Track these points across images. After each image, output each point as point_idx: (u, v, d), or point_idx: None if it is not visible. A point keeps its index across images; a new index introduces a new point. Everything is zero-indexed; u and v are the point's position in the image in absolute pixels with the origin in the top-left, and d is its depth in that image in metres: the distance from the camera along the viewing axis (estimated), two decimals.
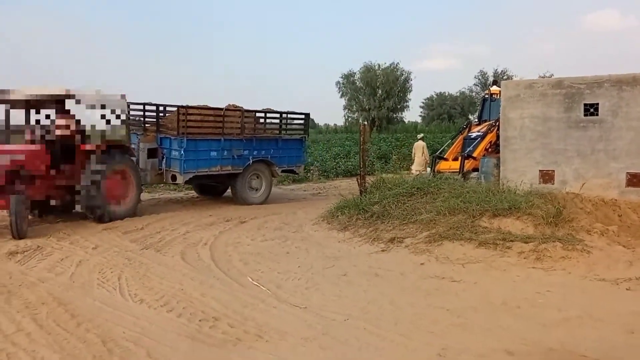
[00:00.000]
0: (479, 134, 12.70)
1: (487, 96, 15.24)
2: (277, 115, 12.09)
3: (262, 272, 5.60)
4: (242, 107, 11.25)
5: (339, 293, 4.91)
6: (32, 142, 8.28)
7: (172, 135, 10.07)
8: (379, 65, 43.82)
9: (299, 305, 4.58)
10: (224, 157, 10.51)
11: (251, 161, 10.96)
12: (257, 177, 11.45)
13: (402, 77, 43.79)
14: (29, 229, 7.44)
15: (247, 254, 6.43)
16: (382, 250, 6.44)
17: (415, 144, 16.01)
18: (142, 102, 10.76)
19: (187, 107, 10.22)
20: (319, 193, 13.59)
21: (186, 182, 10.65)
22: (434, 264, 5.78)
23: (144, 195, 10.54)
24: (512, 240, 5.95)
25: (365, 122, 11.13)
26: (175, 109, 10.39)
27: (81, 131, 8.60)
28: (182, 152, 9.90)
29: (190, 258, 6.24)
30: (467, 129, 13.93)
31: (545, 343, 3.64)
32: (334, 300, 4.70)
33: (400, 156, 23.81)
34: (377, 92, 43.47)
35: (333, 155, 23.02)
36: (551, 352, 3.50)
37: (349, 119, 46.92)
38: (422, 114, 64.62)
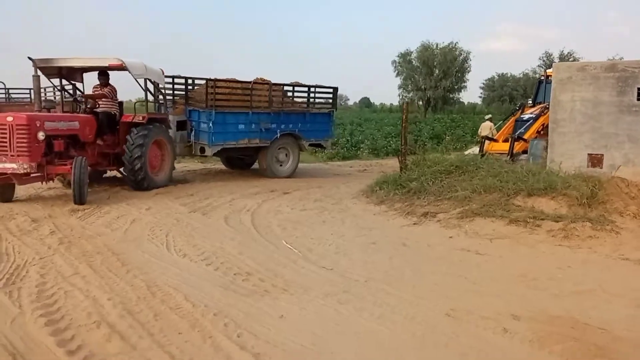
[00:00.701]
0: (531, 116, 12.47)
1: (542, 78, 14.83)
2: (305, 89, 12.09)
3: (296, 237, 5.98)
4: (269, 81, 11.29)
5: (365, 259, 5.21)
6: (83, 111, 8.89)
7: (201, 108, 10.25)
8: (437, 44, 43.02)
9: (325, 266, 4.93)
10: (252, 130, 10.68)
11: (279, 134, 11.11)
12: (285, 151, 11.61)
13: (461, 57, 42.90)
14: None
15: (286, 220, 6.83)
16: (414, 224, 6.66)
17: (483, 124, 15.81)
18: (171, 75, 10.78)
19: (216, 80, 10.33)
20: (365, 170, 13.80)
21: (214, 155, 10.84)
22: (463, 238, 5.96)
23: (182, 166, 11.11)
24: (542, 219, 6.03)
25: (408, 101, 11.01)
26: (203, 82, 10.55)
27: (120, 102, 9.25)
28: (211, 124, 10.07)
29: (232, 222, 6.72)
30: (520, 111, 13.69)
31: (552, 311, 3.82)
32: (359, 265, 5.01)
33: (453, 137, 23.56)
34: (433, 71, 42.86)
35: (384, 134, 23.07)
36: (556, 318, 3.67)
37: (404, 98, 46.49)
38: (482, 95, 62.99)
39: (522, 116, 13.03)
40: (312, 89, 12.12)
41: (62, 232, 5.93)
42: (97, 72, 9.05)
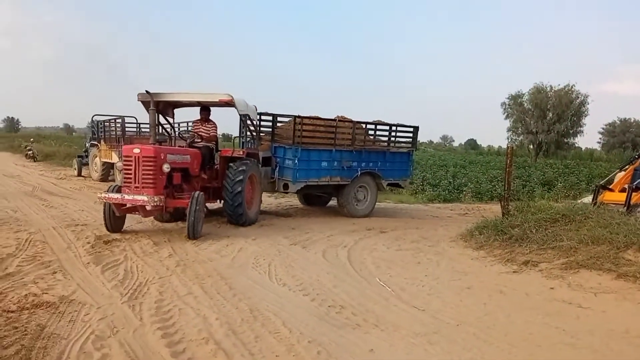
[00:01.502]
0: None
1: None
2: (386, 127, 11.92)
3: (390, 276, 6.12)
4: (351, 119, 11.28)
5: (459, 303, 5.22)
6: (190, 146, 8.86)
7: (287, 144, 10.36)
8: (552, 86, 41.11)
9: (417, 307, 5.02)
10: (334, 168, 10.69)
11: (359, 173, 11.05)
12: (364, 189, 11.51)
13: (578, 100, 40.47)
14: None
15: (380, 259, 7.00)
16: (514, 272, 6.50)
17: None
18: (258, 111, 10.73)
19: (302, 117, 10.34)
20: (466, 214, 13.53)
21: (296, 192, 10.74)
22: (565, 289, 5.72)
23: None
24: None
25: (513, 145, 10.58)
26: (289, 119, 10.67)
27: (216, 137, 9.47)
28: (296, 161, 10.11)
29: (329, 256, 7.02)
30: None
31: None
32: (452, 308, 5.03)
33: (566, 184, 22.26)
34: (547, 114, 40.87)
35: (490, 178, 22.41)
36: None
37: (514, 141, 44.68)
38: (601, 141, 59.04)
39: None
40: (393, 128, 12.00)
41: (179, 256, 6.59)
42: (200, 107, 9.24)
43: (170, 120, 9.67)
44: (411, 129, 12.40)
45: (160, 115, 9.07)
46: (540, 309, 5.07)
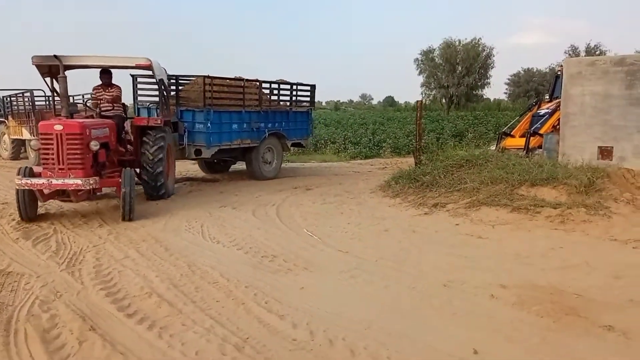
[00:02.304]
0: (547, 111, 12.77)
1: (559, 73, 15.11)
2: (288, 87, 11.84)
3: (316, 226, 6.64)
4: (257, 79, 11.00)
5: (377, 243, 5.84)
6: (100, 116, 7.92)
7: (196, 107, 9.79)
8: (460, 41, 43.04)
9: (341, 249, 5.58)
10: (244, 130, 10.45)
11: (267, 134, 10.97)
12: (270, 151, 11.46)
13: (484, 53, 42.74)
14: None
15: (307, 213, 7.50)
16: (425, 214, 7.24)
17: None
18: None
19: (212, 77, 9.87)
20: (385, 168, 14.33)
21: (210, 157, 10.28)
22: (468, 224, 6.52)
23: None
24: (542, 206, 6.54)
25: (422, 101, 11.21)
26: (192, 79, 10.21)
27: (124, 104, 8.57)
28: (209, 124, 9.70)
29: (259, 214, 7.43)
30: (537, 106, 14.00)
31: (537, 281, 4.39)
32: (371, 248, 5.64)
33: (476, 134, 23.80)
34: (456, 68, 42.88)
35: (407, 133, 23.51)
36: (538, 287, 4.24)
37: (427, 96, 46.63)
38: (508, 91, 62.47)
39: (538, 111, 13.32)
40: (294, 87, 11.97)
41: (110, 225, 6.71)
42: (100, 70, 8.10)
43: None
44: (308, 87, 12.44)
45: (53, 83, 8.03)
46: (447, 242, 5.81)
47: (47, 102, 16.57)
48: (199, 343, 3.39)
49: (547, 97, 15.28)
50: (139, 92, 10.41)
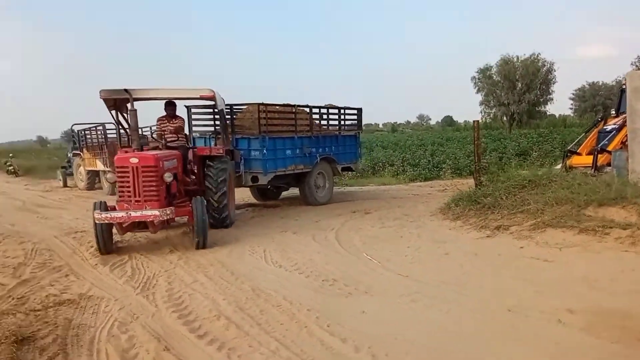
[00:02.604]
0: (614, 126, 12.25)
1: (624, 87, 14.48)
2: (336, 111, 11.89)
3: (375, 250, 6.70)
4: (307, 104, 11.10)
5: (438, 267, 5.82)
6: (166, 147, 8.07)
7: (251, 134, 9.91)
8: (518, 57, 42.06)
9: (401, 274, 5.61)
10: (297, 155, 10.54)
11: (319, 159, 11.02)
12: (321, 176, 11.46)
13: (544, 68, 41.51)
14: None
15: (366, 236, 7.58)
16: (487, 236, 7.12)
17: None
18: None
19: (265, 104, 9.97)
20: (445, 190, 14.17)
21: (250, 186, 10.42)
22: (533, 247, 6.36)
23: None
24: (611, 227, 6.27)
25: (478, 120, 10.98)
26: (244, 107, 10.41)
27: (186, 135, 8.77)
28: (265, 151, 9.76)
29: (319, 238, 7.58)
30: (603, 122, 13.47)
31: (606, 306, 4.24)
32: (432, 272, 5.63)
33: (541, 152, 23.03)
34: (516, 85, 41.83)
35: (467, 153, 23.09)
36: (608, 312, 4.10)
37: (487, 115, 45.66)
38: (573, 106, 60.24)
39: (605, 127, 12.81)
40: (342, 111, 12.03)
41: (180, 251, 7.08)
42: (165, 102, 8.34)
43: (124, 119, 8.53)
44: (355, 111, 12.48)
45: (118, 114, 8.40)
46: (511, 266, 5.70)
47: (119, 135, 17.69)
48: None
49: (614, 112, 14.68)
50: (193, 122, 10.65)
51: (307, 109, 11.10)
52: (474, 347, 3.66)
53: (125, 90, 7.58)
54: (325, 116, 11.68)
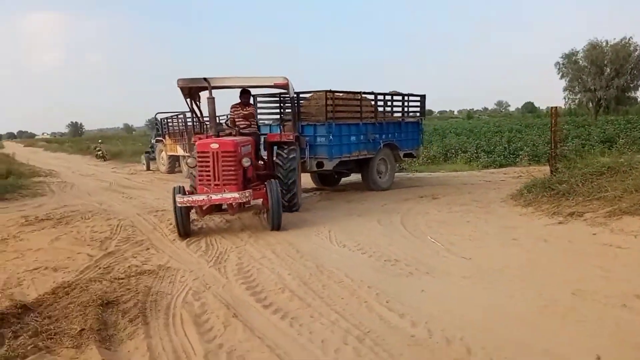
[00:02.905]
0: None
1: None
2: (400, 97, 11.88)
3: (441, 234, 6.70)
4: (372, 91, 11.10)
5: (504, 252, 5.75)
6: (240, 133, 8.26)
7: (317, 121, 10.03)
8: (607, 42, 39.35)
9: (465, 257, 5.60)
10: (361, 142, 10.62)
11: (382, 145, 11.11)
12: (383, 162, 11.53)
13: (636, 53, 38.58)
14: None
15: (432, 221, 7.57)
16: (559, 223, 6.90)
17: None
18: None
19: (332, 91, 10.01)
20: (520, 177, 13.69)
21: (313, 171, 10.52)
22: (607, 234, 6.10)
23: None
24: None
25: (556, 107, 10.36)
26: (309, 95, 10.53)
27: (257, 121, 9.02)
28: (330, 137, 9.86)
29: (384, 222, 7.67)
30: None
31: None
32: (497, 256, 5.57)
33: (629, 140, 21.60)
34: (604, 70, 39.23)
35: (547, 140, 22.07)
36: None
37: (572, 101, 43.21)
38: None
39: None
40: (406, 97, 12.05)
41: (250, 229, 7.45)
42: (240, 90, 8.62)
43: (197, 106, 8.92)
44: (419, 98, 12.48)
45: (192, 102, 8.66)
46: (581, 252, 5.52)
47: (193, 122, 18.58)
48: (325, 333, 3.73)
49: None
50: (258, 110, 10.93)
51: (372, 96, 11.17)
52: (532, 328, 3.64)
53: (205, 79, 7.61)
54: (389, 103, 11.76)
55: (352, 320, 3.94)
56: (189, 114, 16.98)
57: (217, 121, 9.29)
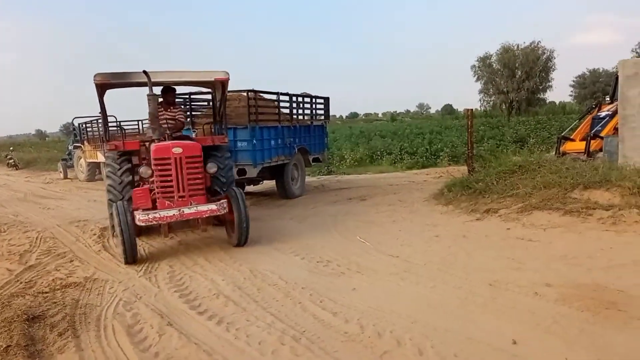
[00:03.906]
0: (608, 113, 12.46)
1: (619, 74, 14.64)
2: (309, 100, 11.35)
3: (369, 234, 6.96)
4: (287, 92, 10.45)
5: (427, 248, 6.09)
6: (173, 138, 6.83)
7: (238, 124, 9.17)
8: (518, 45, 42.22)
9: (392, 254, 5.87)
10: (279, 146, 9.96)
11: (296, 150, 10.50)
12: (296, 167, 10.89)
13: (544, 56, 41.69)
14: None
15: (361, 221, 7.84)
16: (477, 219, 7.38)
17: None
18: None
19: (255, 91, 9.24)
20: (441, 177, 14.38)
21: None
22: (519, 229, 6.62)
23: None
24: (594, 209, 6.54)
25: (472, 109, 11.07)
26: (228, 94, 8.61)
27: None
28: (254, 142, 9.10)
29: (315, 224, 7.87)
30: (597, 109, 13.66)
31: (581, 280, 4.50)
32: (421, 253, 5.90)
33: (538, 139, 23.22)
34: (515, 73, 42.03)
35: (464, 141, 23.28)
36: (582, 285, 4.36)
37: (487, 103, 45.89)
38: (573, 93, 60.31)
39: (599, 114, 13.00)
40: (314, 100, 11.53)
41: (179, 237, 7.35)
42: (163, 88, 7.34)
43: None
44: (323, 101, 12.00)
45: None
46: (497, 246, 5.97)
47: (119, 127, 17.86)
48: (262, 335, 3.82)
49: (608, 98, 14.86)
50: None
51: (287, 97, 10.53)
52: (456, 318, 3.92)
53: (145, 72, 6.33)
54: (302, 105, 11.25)
55: (288, 321, 4.05)
56: (110, 119, 16.39)
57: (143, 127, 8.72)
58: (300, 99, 11.16)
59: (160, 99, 7.38)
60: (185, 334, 3.93)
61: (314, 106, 11.66)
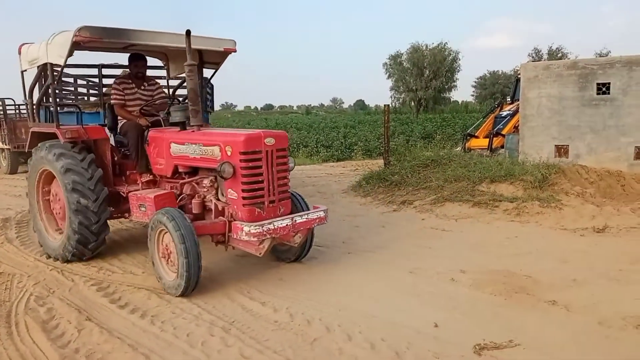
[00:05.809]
0: (509, 112, 13.45)
1: (519, 76, 15.86)
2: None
3: None
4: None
5: (349, 239, 6.26)
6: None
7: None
8: (427, 45, 44.21)
9: (316, 245, 5.97)
10: None
11: None
12: None
13: (450, 57, 44.01)
14: None
15: None
16: (394, 210, 7.71)
17: None
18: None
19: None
20: (356, 169, 14.79)
21: None
22: (433, 219, 7.01)
23: None
24: (500, 201, 7.09)
25: (389, 104, 11.47)
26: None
27: None
28: None
29: None
30: (499, 108, 14.70)
31: (492, 267, 4.88)
32: (343, 243, 6.06)
33: (444, 136, 24.52)
34: (424, 72, 44.00)
35: (377, 136, 24.11)
36: (493, 271, 4.73)
37: (397, 100, 47.66)
38: (474, 93, 64.07)
39: (500, 113, 14.00)
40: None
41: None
42: (135, 57, 5.81)
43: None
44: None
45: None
46: (413, 235, 6.27)
47: (18, 111, 16.43)
48: (189, 327, 3.75)
49: (509, 99, 16.06)
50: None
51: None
52: (381, 304, 4.09)
53: (186, 33, 4.73)
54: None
55: (216, 313, 4.01)
56: (8, 101, 15.10)
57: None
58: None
59: (126, 71, 6.08)
60: (107, 328, 3.77)
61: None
